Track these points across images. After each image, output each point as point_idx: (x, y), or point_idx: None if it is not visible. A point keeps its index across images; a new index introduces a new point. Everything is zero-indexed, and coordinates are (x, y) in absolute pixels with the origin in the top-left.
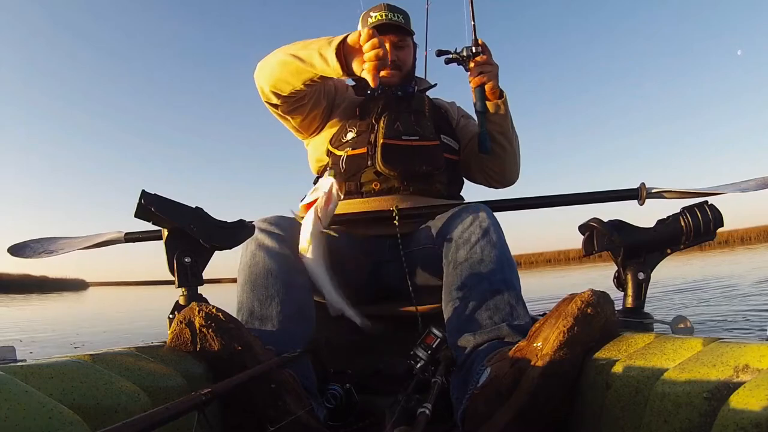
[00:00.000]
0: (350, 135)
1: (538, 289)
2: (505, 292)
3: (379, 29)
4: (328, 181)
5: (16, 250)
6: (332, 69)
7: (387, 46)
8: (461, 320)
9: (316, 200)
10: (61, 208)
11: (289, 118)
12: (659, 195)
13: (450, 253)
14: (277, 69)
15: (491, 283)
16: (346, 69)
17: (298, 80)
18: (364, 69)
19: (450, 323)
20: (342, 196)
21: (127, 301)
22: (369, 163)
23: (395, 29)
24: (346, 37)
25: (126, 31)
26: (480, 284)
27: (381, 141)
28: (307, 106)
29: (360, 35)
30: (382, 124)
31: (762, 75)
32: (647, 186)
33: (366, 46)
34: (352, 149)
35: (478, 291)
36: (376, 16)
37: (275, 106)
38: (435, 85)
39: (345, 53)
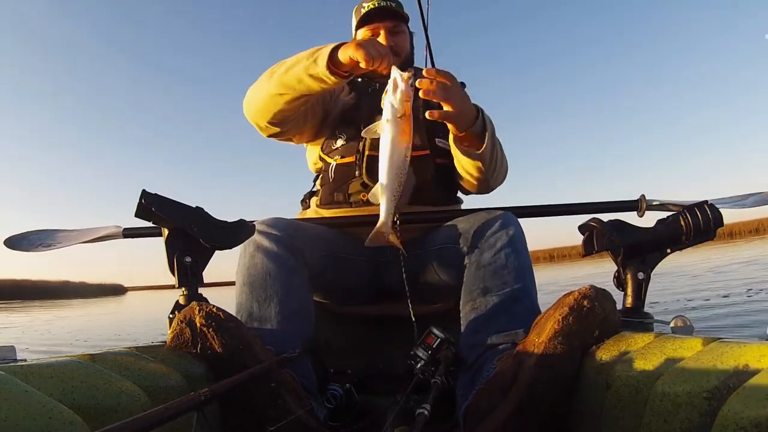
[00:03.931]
0: (339, 142)
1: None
2: (525, 299)
3: (371, 16)
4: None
5: (14, 243)
6: (320, 71)
7: (382, 32)
8: (479, 321)
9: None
10: (59, 202)
11: (293, 138)
12: (659, 207)
13: (474, 254)
14: (270, 100)
15: (513, 290)
16: (337, 67)
17: (296, 95)
18: (351, 53)
19: (467, 322)
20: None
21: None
22: (357, 173)
23: (388, 14)
24: (338, 48)
25: (131, 20)
26: (501, 289)
27: (367, 152)
28: (307, 121)
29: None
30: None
31: None
32: (647, 198)
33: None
34: (341, 158)
35: (498, 295)
36: (368, 6)
37: (277, 134)
38: None
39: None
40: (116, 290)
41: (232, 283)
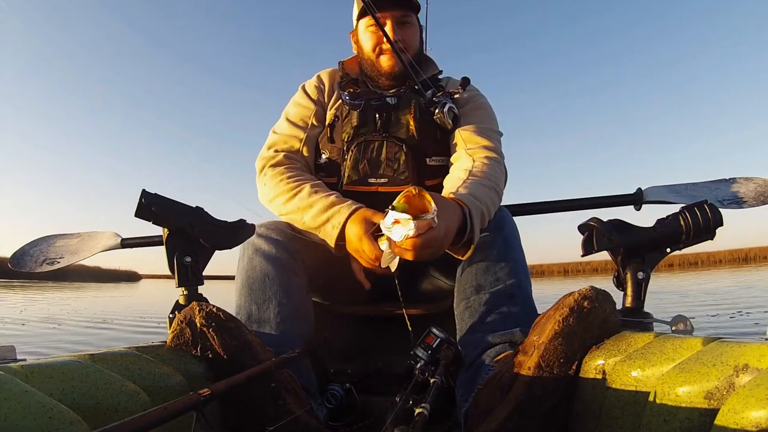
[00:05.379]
0: (324, 157)
1: None
2: (519, 296)
3: (377, 4)
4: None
5: (19, 262)
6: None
7: (388, 23)
8: (473, 320)
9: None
10: (56, 202)
11: None
12: (656, 201)
13: None
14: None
15: (506, 287)
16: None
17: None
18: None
19: (462, 322)
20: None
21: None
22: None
23: (396, 3)
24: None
25: (135, 16)
26: (495, 286)
27: (344, 185)
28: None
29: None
30: (348, 160)
31: None
32: (644, 191)
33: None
34: (325, 175)
35: (492, 293)
36: None
37: None
38: (441, 71)
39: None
40: (131, 277)
41: (232, 277)
